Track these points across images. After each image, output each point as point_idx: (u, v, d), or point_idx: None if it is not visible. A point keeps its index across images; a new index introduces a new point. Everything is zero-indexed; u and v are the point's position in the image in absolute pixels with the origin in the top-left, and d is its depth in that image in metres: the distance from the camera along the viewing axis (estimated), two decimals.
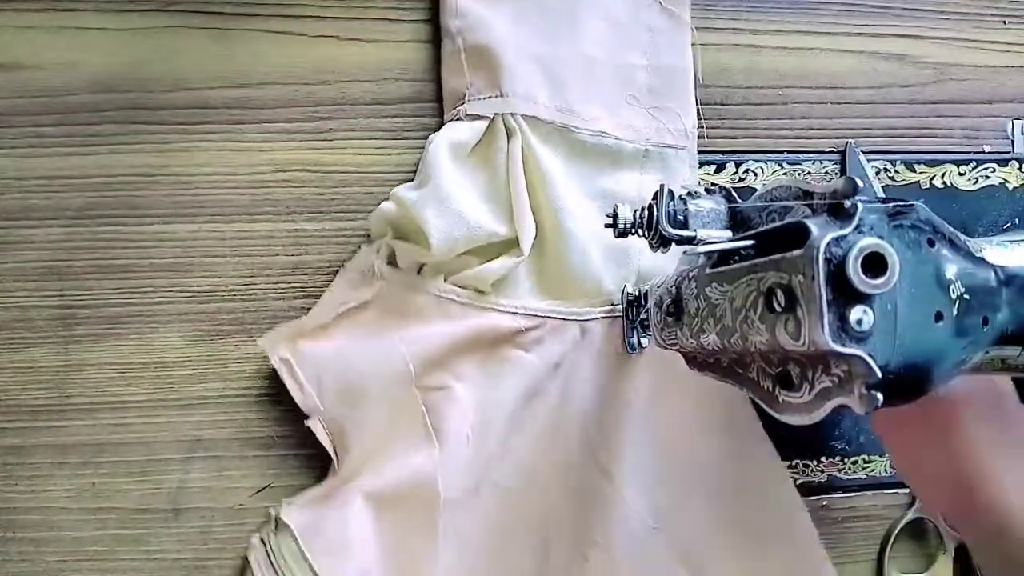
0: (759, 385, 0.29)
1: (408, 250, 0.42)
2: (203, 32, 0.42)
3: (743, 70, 0.47)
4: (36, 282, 0.41)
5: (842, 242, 0.24)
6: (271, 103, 0.42)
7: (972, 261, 0.27)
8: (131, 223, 0.42)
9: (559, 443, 0.43)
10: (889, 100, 0.49)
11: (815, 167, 0.48)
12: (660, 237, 0.33)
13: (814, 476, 0.48)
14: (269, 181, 0.43)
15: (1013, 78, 0.50)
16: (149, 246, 0.42)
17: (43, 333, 0.41)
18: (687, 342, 0.34)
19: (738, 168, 0.47)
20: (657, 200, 0.33)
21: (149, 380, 0.42)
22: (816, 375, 0.26)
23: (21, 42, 0.40)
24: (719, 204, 0.33)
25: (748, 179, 0.47)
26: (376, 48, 0.43)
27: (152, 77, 0.41)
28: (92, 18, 0.41)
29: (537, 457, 0.43)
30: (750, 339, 0.28)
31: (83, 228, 0.41)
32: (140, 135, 0.41)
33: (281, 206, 0.43)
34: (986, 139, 0.50)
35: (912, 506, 0.49)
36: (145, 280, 0.42)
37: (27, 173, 0.41)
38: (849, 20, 0.48)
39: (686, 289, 0.34)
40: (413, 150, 0.44)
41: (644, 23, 0.44)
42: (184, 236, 0.42)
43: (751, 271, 0.27)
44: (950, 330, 0.26)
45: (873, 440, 0.49)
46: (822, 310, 0.23)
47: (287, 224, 0.43)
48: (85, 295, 0.42)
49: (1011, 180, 0.50)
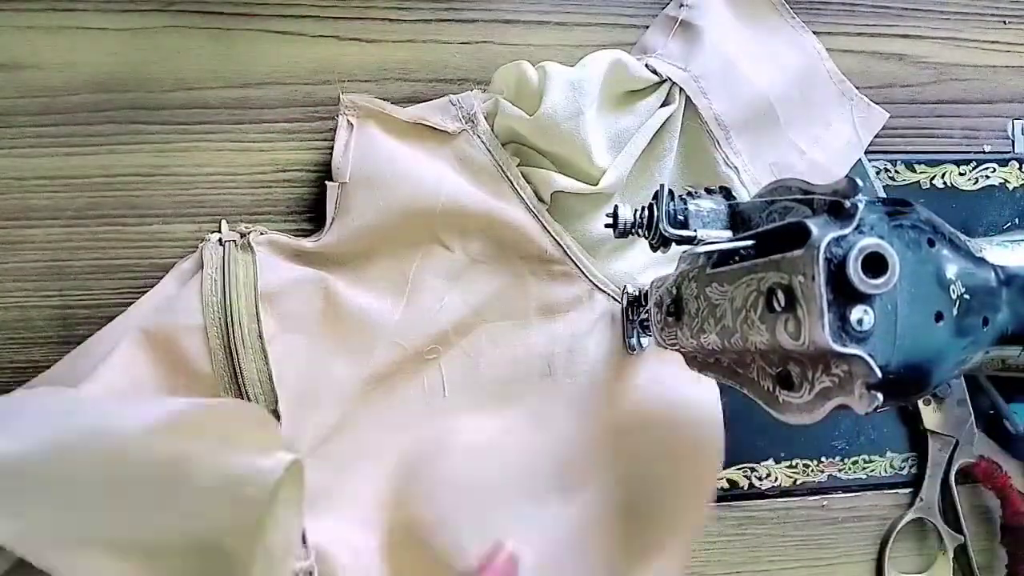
0: (759, 385, 0.29)
1: (512, 115, 0.41)
2: (203, 32, 0.42)
3: None
4: (36, 282, 0.41)
5: (842, 242, 0.24)
6: (271, 103, 0.42)
7: (972, 261, 0.27)
8: (131, 223, 0.42)
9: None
10: (889, 100, 0.49)
11: None
12: (660, 237, 0.33)
13: (814, 476, 0.48)
14: (269, 181, 0.43)
15: (1013, 78, 0.50)
16: (149, 246, 0.42)
17: (43, 333, 0.41)
18: (687, 342, 0.34)
19: None
20: (657, 200, 0.33)
21: None
22: (816, 375, 0.26)
23: (21, 42, 0.40)
24: (719, 204, 0.33)
25: None
26: (376, 48, 0.43)
27: (152, 77, 0.41)
28: (92, 18, 0.41)
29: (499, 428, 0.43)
30: (750, 339, 0.28)
31: (83, 228, 0.41)
32: (140, 135, 0.41)
33: (281, 206, 0.43)
34: (986, 139, 0.50)
35: (912, 506, 0.49)
36: (145, 280, 0.42)
37: (27, 173, 0.41)
38: (849, 20, 0.48)
39: (686, 289, 0.34)
40: None
41: (823, 110, 0.46)
42: (184, 236, 0.42)
43: (751, 271, 0.27)
44: (950, 330, 0.26)
45: (873, 440, 0.49)
46: (822, 310, 0.23)
47: (287, 224, 0.43)
48: (85, 295, 0.42)
49: (1011, 180, 0.50)
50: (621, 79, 0.42)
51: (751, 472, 0.48)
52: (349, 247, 0.41)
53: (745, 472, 0.48)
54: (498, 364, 0.43)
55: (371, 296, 0.41)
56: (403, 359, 0.42)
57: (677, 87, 0.43)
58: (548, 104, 0.39)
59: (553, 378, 0.43)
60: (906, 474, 0.49)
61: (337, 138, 0.41)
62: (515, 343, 0.43)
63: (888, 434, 0.49)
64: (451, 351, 0.43)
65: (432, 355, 0.43)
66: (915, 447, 0.49)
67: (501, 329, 0.43)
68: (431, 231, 0.42)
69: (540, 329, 0.43)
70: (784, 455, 0.48)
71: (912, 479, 0.49)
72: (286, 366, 0.39)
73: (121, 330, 0.38)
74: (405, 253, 0.42)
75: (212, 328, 0.38)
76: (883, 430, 0.49)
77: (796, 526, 0.48)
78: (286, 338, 0.40)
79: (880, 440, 0.49)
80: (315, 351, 0.41)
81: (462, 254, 0.43)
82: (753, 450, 0.48)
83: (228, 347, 0.38)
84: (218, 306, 0.39)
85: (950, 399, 0.48)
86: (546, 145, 0.41)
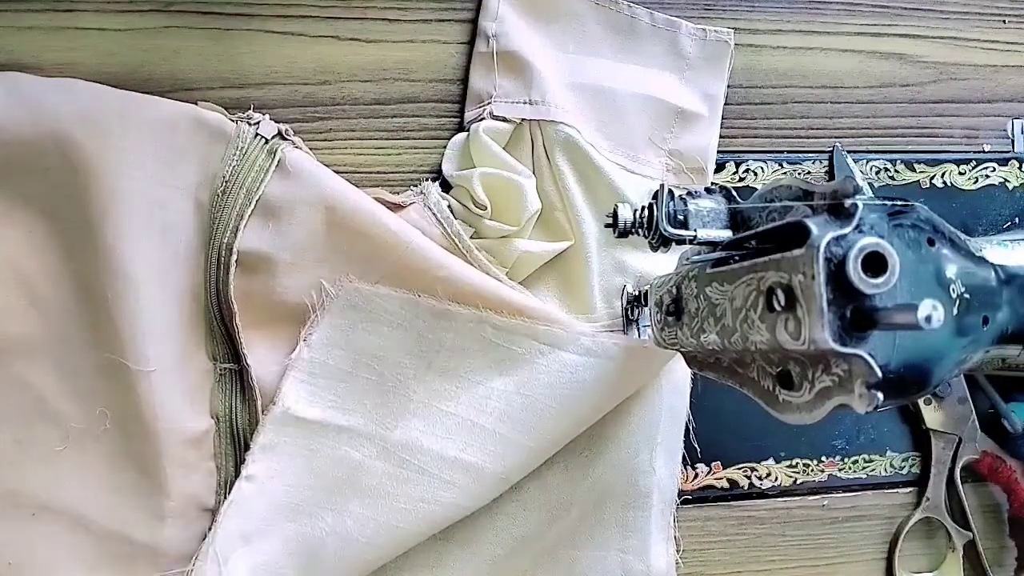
0: (759, 384, 0.29)
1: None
2: (203, 32, 0.42)
3: (743, 70, 0.47)
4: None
5: (842, 241, 0.24)
6: (271, 103, 0.42)
7: (972, 260, 0.27)
8: None
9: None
10: (889, 100, 0.49)
11: (815, 167, 0.48)
12: (660, 237, 0.33)
13: (814, 476, 0.48)
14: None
15: (1013, 78, 0.50)
16: None
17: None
18: (687, 342, 0.34)
19: (738, 168, 0.47)
20: (657, 200, 0.33)
21: None
22: (816, 374, 0.26)
23: (21, 42, 0.40)
24: (719, 204, 0.33)
25: (748, 179, 0.47)
26: (376, 48, 0.43)
27: (152, 77, 0.41)
28: (92, 18, 0.41)
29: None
30: (750, 339, 0.28)
31: None
32: None
33: None
34: (986, 139, 0.50)
35: (919, 506, 0.49)
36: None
37: None
38: (849, 20, 0.48)
39: (686, 289, 0.34)
40: (413, 150, 0.44)
41: (678, 65, 0.45)
42: None
43: (751, 271, 0.27)
44: (950, 329, 0.26)
45: (873, 439, 0.49)
46: (822, 309, 0.23)
47: None
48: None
49: (1011, 180, 0.50)
50: (481, 150, 0.42)
51: (751, 472, 0.48)
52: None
53: (745, 472, 0.48)
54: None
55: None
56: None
57: (534, 122, 0.42)
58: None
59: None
60: (906, 473, 0.49)
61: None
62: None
63: (888, 433, 0.49)
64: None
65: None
66: (915, 446, 0.49)
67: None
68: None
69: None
70: (784, 455, 0.48)
71: (913, 478, 0.49)
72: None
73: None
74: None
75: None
76: (883, 429, 0.49)
77: (796, 526, 0.48)
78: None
79: (880, 439, 0.49)
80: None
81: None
82: (753, 450, 0.48)
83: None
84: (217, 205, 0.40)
85: (950, 397, 0.48)
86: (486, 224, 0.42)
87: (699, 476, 0.47)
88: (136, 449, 0.39)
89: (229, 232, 0.39)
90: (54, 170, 0.37)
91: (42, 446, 0.39)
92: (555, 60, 0.43)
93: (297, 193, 0.40)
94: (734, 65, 0.46)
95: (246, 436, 0.41)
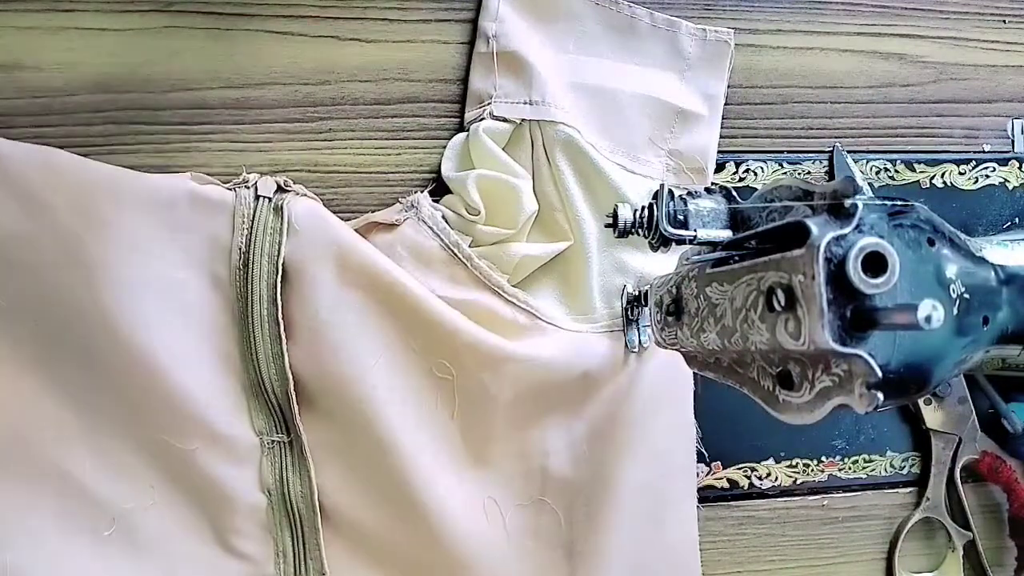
0: (759, 385, 0.29)
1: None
2: (203, 32, 0.42)
3: (743, 70, 0.47)
4: None
5: (842, 241, 0.24)
6: (271, 103, 0.42)
7: (972, 260, 0.27)
8: None
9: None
10: (889, 100, 0.49)
11: (815, 167, 0.48)
12: (660, 237, 0.33)
13: (814, 476, 0.48)
14: None
15: (1013, 78, 0.50)
16: None
17: None
18: (687, 342, 0.34)
19: (738, 168, 0.47)
20: (657, 200, 0.33)
21: None
22: (816, 375, 0.26)
23: (21, 42, 0.40)
24: (719, 204, 0.33)
25: (748, 179, 0.47)
26: (376, 48, 0.43)
27: (152, 77, 0.41)
28: (92, 18, 0.41)
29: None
30: (750, 339, 0.28)
31: None
32: (140, 135, 0.41)
33: None
34: (986, 139, 0.50)
35: (919, 506, 0.49)
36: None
37: None
38: (849, 20, 0.48)
39: (686, 289, 0.34)
40: (413, 150, 0.44)
41: (678, 65, 0.45)
42: None
43: (751, 271, 0.27)
44: (950, 329, 0.26)
45: (873, 439, 0.49)
46: (822, 309, 0.23)
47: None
48: None
49: (1011, 180, 0.50)
50: (481, 150, 0.42)
51: (751, 472, 0.48)
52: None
53: (745, 472, 0.48)
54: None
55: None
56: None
57: (534, 122, 0.42)
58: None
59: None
60: (906, 473, 0.49)
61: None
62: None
63: (888, 433, 0.49)
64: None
65: (445, 375, 0.42)
66: (915, 446, 0.49)
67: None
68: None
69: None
70: (784, 455, 0.48)
71: (913, 478, 0.49)
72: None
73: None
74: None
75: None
76: (883, 429, 0.49)
77: (796, 526, 0.48)
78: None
79: (880, 439, 0.49)
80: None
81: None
82: (753, 450, 0.48)
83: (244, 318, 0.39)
84: (240, 279, 0.39)
85: (950, 397, 0.48)
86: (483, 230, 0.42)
87: (699, 476, 0.47)
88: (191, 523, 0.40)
89: (266, 303, 0.39)
90: (55, 266, 0.37)
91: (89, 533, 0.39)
92: (555, 60, 0.43)
93: (307, 253, 0.39)
94: (734, 65, 0.46)
95: (299, 507, 0.41)
